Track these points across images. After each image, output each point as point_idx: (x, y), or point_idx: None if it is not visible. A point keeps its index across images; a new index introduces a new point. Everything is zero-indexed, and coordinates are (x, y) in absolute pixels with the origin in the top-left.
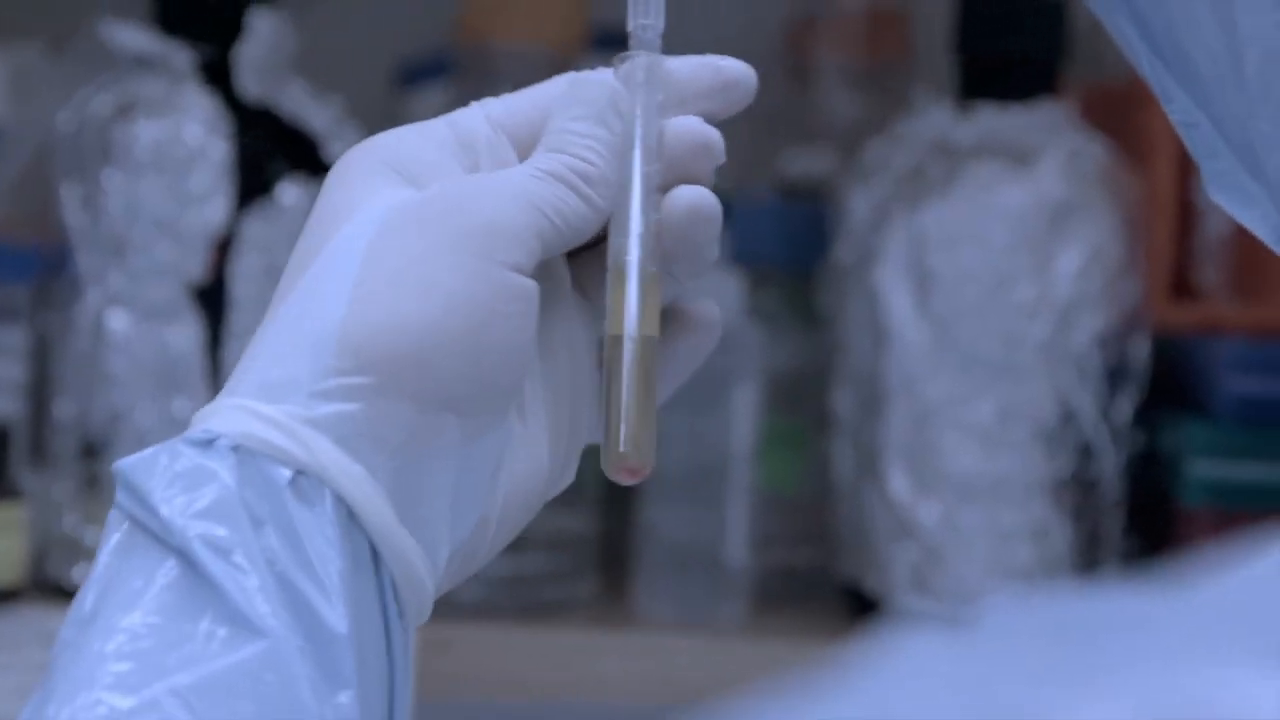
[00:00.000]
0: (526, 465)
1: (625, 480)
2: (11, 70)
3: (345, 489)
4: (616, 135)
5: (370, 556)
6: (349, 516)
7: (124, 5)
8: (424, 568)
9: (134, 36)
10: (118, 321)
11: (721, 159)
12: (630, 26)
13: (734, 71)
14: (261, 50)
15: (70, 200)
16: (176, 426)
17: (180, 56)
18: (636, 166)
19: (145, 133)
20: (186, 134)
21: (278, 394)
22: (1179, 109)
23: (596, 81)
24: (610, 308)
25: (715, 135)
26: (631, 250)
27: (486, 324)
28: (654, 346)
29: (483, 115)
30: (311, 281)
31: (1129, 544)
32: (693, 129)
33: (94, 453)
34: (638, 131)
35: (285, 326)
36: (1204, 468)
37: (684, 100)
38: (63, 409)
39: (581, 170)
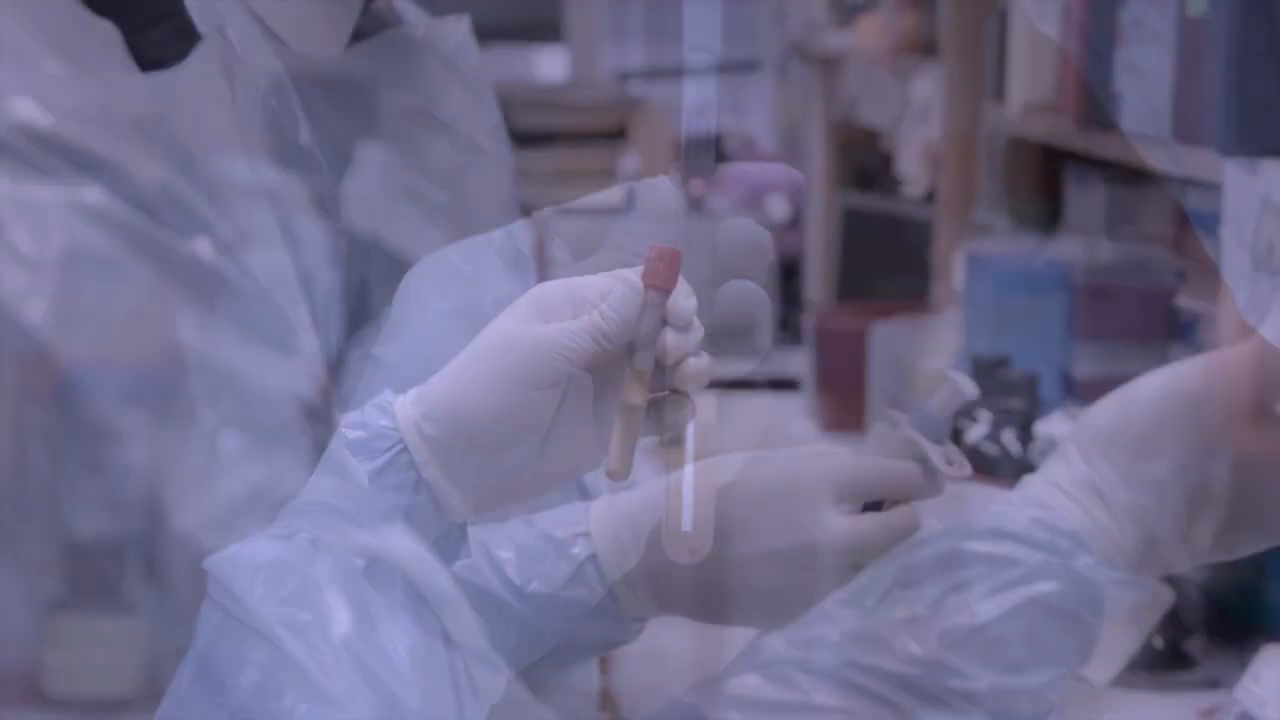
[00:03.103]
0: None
1: (687, 559)
2: None
3: (415, 574)
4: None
5: (442, 637)
6: (419, 600)
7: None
8: (490, 645)
9: (247, 168)
10: (230, 442)
11: (771, 257)
12: None
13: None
14: (370, 182)
15: (186, 325)
16: None
17: (292, 187)
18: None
19: (258, 261)
20: (298, 262)
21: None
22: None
23: (656, 187)
24: (666, 422)
25: (766, 235)
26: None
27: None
28: (702, 440)
29: (538, 224)
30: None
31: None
32: (745, 229)
33: None
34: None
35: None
36: None
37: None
38: (176, 526)
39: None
